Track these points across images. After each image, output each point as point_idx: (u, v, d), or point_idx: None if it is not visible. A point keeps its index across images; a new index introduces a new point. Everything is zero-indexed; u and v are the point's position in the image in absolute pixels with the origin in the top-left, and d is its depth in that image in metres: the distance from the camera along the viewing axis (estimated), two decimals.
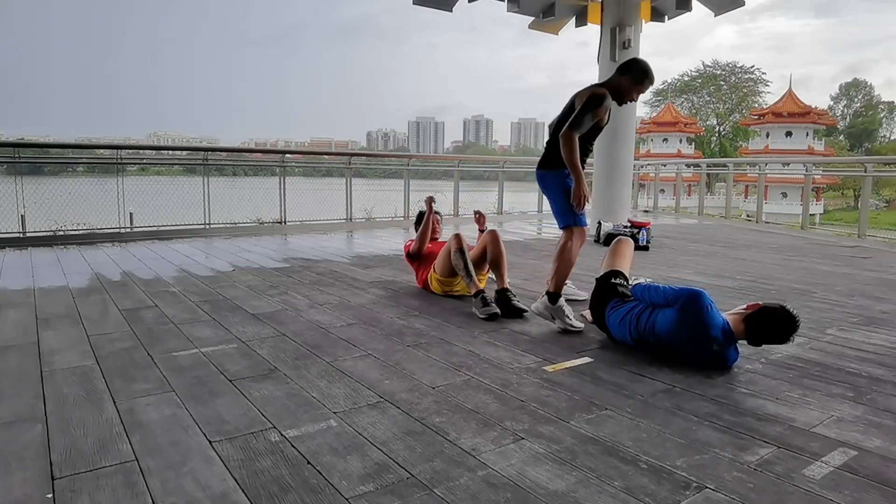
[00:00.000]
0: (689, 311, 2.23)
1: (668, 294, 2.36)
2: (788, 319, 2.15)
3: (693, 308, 2.23)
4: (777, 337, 2.19)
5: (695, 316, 2.21)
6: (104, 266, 4.43)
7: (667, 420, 1.81)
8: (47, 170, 8.05)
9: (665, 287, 2.42)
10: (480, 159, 22.60)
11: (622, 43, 6.48)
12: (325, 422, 1.76)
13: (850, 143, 49.81)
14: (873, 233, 8.01)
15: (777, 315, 2.17)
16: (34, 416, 1.78)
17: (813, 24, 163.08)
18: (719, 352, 2.24)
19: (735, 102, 46.47)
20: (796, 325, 2.14)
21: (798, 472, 1.50)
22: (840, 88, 56.99)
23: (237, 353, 2.40)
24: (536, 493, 1.39)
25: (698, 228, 8.40)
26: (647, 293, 2.45)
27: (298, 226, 7.38)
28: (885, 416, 1.87)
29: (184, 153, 10.24)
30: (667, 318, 2.30)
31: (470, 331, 2.79)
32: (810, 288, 3.96)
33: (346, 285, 3.83)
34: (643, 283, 2.56)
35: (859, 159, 19.47)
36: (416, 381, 2.12)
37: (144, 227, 6.44)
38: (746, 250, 5.99)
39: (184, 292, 3.53)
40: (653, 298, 2.42)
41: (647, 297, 2.45)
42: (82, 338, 2.60)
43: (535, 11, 7.37)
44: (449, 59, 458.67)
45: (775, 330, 2.17)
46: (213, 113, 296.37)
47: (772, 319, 2.17)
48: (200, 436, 1.66)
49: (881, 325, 3.00)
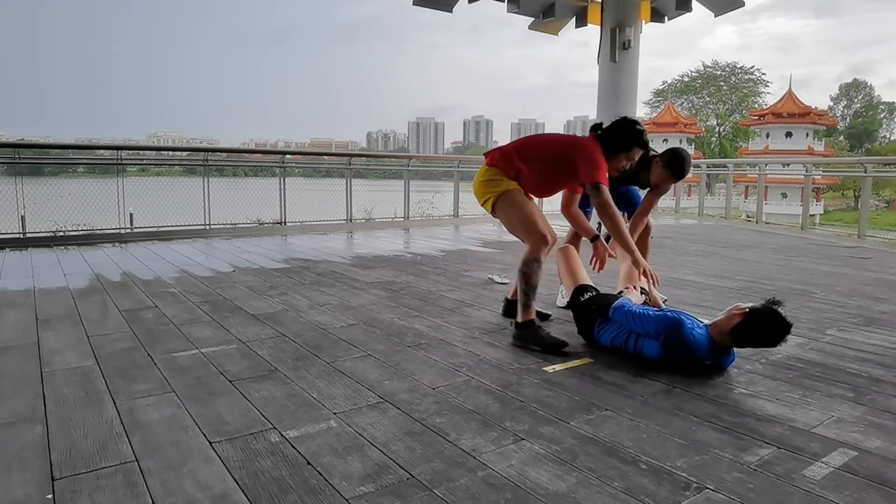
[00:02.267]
0: (673, 345, 2.17)
1: (647, 325, 2.25)
2: (776, 323, 2.08)
3: (675, 340, 2.16)
4: (767, 342, 2.14)
5: (679, 347, 2.16)
6: (104, 266, 4.43)
7: (667, 420, 1.81)
8: (47, 170, 8.07)
9: (644, 313, 2.29)
10: (480, 160, 22.51)
11: (622, 43, 6.48)
12: (326, 422, 1.76)
13: (850, 143, 49.81)
14: (873, 233, 8.02)
15: (764, 320, 2.09)
16: (34, 417, 1.78)
17: (813, 24, 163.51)
18: (713, 364, 2.22)
19: (735, 103, 46.50)
20: (786, 326, 2.09)
21: (798, 473, 1.50)
22: (840, 89, 57.02)
23: (237, 354, 2.40)
24: (536, 493, 1.39)
25: (698, 229, 8.40)
26: (626, 320, 2.32)
27: (298, 226, 7.38)
28: (885, 416, 1.87)
29: (184, 154, 10.25)
30: (652, 347, 2.23)
31: (470, 331, 2.79)
32: (810, 288, 3.96)
33: (347, 286, 3.83)
34: (624, 302, 2.40)
35: (859, 160, 19.47)
36: (416, 381, 2.12)
37: (145, 227, 6.44)
38: (746, 251, 5.99)
39: (184, 293, 3.53)
40: (632, 327, 2.30)
41: (627, 325, 2.33)
42: (82, 338, 2.60)
43: (535, 12, 7.37)
44: (449, 60, 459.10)
45: (764, 336, 2.11)
46: (213, 113, 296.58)
47: (759, 325, 2.10)
48: (200, 436, 1.66)
49: (881, 326, 3.00)
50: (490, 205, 2.63)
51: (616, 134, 2.59)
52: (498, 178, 2.59)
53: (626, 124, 2.61)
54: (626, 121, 2.64)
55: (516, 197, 2.58)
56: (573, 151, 2.55)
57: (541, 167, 2.60)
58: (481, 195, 2.66)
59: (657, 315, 2.25)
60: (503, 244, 6.16)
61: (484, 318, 3.04)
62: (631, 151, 2.61)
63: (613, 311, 2.38)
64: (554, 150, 2.60)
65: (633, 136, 2.59)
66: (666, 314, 2.25)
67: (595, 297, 2.61)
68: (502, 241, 6.53)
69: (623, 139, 2.59)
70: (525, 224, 2.55)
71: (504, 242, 6.34)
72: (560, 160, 2.58)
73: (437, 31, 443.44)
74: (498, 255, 5.34)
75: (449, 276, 4.22)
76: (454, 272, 4.41)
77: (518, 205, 2.58)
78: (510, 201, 2.58)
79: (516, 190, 2.59)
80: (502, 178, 2.58)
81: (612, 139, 2.59)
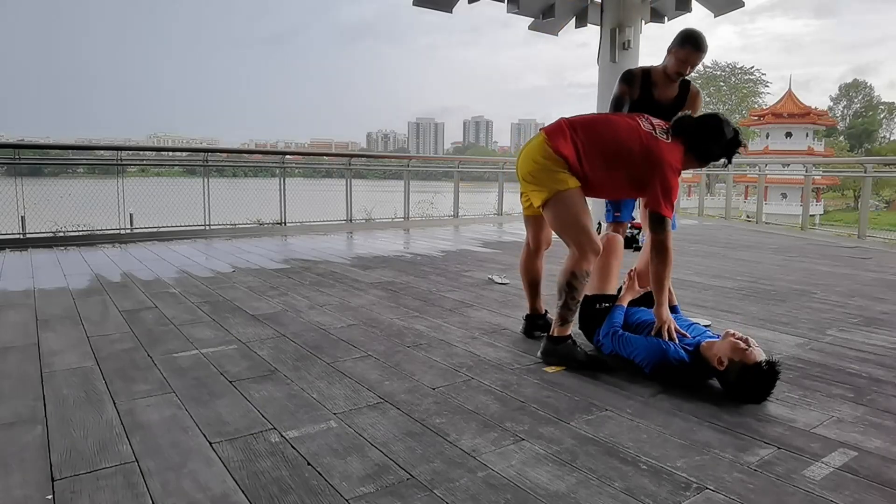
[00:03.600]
0: (662, 375, 2.12)
1: (630, 353, 2.21)
2: (770, 378, 1.93)
3: (661, 369, 2.11)
4: (753, 397, 1.96)
5: (666, 373, 2.11)
6: (104, 267, 4.43)
7: (667, 421, 1.81)
8: (47, 171, 8.05)
9: (626, 338, 2.24)
10: (480, 160, 22.60)
11: (622, 44, 6.48)
12: (326, 423, 1.76)
13: (849, 143, 49.80)
14: (873, 233, 8.02)
15: (758, 375, 1.92)
16: (34, 418, 1.78)
17: (813, 24, 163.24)
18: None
19: (735, 103, 46.49)
20: (774, 379, 1.94)
21: (798, 473, 1.50)
22: (840, 89, 57.01)
23: (237, 355, 2.40)
24: (537, 493, 1.39)
25: (698, 229, 8.40)
26: (613, 343, 2.29)
27: (298, 227, 7.38)
28: (885, 416, 1.87)
29: (184, 154, 10.26)
30: (646, 368, 2.18)
31: (470, 331, 2.79)
32: (810, 288, 3.96)
33: (347, 286, 3.82)
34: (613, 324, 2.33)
35: (859, 160, 19.48)
36: (416, 382, 2.12)
37: (144, 228, 6.43)
38: (746, 251, 5.99)
39: (184, 293, 3.53)
40: (618, 351, 2.27)
41: (612, 347, 2.29)
42: (82, 339, 2.60)
43: (534, 12, 7.36)
44: (449, 60, 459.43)
45: (753, 389, 1.97)
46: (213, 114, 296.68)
47: (752, 380, 1.93)
48: (200, 437, 1.66)
49: (881, 326, 3.00)
50: (542, 198, 2.30)
51: (707, 144, 2.29)
52: (560, 171, 2.24)
53: (723, 135, 2.26)
54: (723, 129, 2.27)
55: (577, 199, 2.27)
56: (653, 171, 2.23)
57: (605, 176, 2.28)
58: (535, 183, 2.31)
59: (644, 343, 2.19)
60: (503, 244, 6.17)
61: (484, 319, 3.04)
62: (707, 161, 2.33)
63: (603, 338, 2.33)
64: (631, 160, 2.24)
65: (724, 153, 2.29)
66: (650, 340, 2.18)
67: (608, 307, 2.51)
68: (502, 241, 6.54)
69: (714, 152, 2.30)
70: (581, 230, 2.26)
71: (504, 243, 6.35)
72: (633, 177, 2.27)
73: (437, 31, 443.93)
74: (498, 256, 5.34)
75: (449, 277, 4.22)
76: (454, 272, 4.41)
77: (577, 208, 2.27)
78: (569, 202, 2.26)
79: (577, 190, 2.27)
80: (564, 171, 2.24)
81: (702, 147, 2.30)
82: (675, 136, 2.29)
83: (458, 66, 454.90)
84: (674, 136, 2.29)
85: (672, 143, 2.27)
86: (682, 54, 2.68)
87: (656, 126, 2.31)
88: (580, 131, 2.28)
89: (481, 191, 11.65)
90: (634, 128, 2.27)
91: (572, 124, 2.31)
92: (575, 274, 2.26)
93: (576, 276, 2.26)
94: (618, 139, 2.26)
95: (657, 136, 2.27)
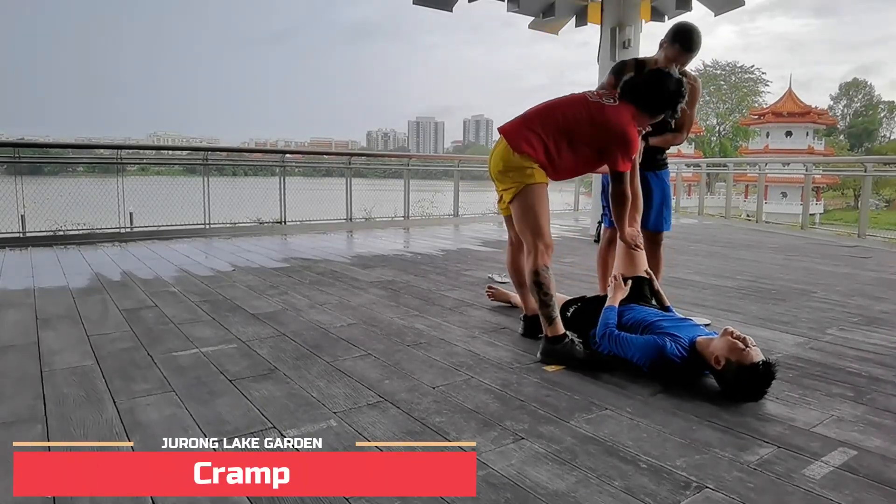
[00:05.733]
0: (660, 372, 2.11)
1: (630, 351, 2.20)
2: (766, 377, 1.93)
3: (661, 366, 2.10)
4: (750, 395, 1.96)
5: (664, 369, 2.11)
6: (104, 266, 4.43)
7: (667, 420, 1.81)
8: (47, 170, 8.05)
9: (622, 338, 2.24)
10: (480, 159, 22.52)
11: (622, 43, 6.48)
12: (325, 422, 1.76)
13: (850, 142, 49.79)
14: (873, 232, 8.00)
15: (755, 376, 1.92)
16: (34, 417, 1.78)
17: (813, 23, 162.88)
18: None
19: (735, 102, 46.47)
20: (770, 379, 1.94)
21: (798, 472, 1.50)
22: (840, 88, 56.92)
23: (237, 353, 2.40)
24: (536, 492, 1.39)
25: (698, 228, 8.40)
26: (609, 344, 2.28)
27: (298, 226, 7.38)
28: (885, 415, 1.87)
29: (184, 153, 10.25)
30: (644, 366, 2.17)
31: (470, 330, 2.79)
32: (810, 288, 3.96)
33: (346, 285, 3.82)
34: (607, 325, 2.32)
35: (859, 159, 19.48)
36: (416, 380, 2.12)
37: (144, 227, 6.43)
38: (746, 250, 5.99)
39: (184, 292, 3.53)
40: (615, 352, 2.26)
41: (610, 348, 2.28)
42: (82, 338, 2.60)
43: (535, 11, 7.36)
44: (449, 59, 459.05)
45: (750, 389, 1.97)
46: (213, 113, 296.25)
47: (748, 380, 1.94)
48: (200, 436, 1.66)
49: (881, 325, 3.00)
50: (511, 193, 2.39)
51: (652, 98, 2.35)
52: (529, 166, 2.33)
53: (665, 86, 2.34)
54: (665, 81, 2.35)
55: (540, 195, 2.37)
56: (610, 137, 2.31)
57: (572, 156, 2.36)
58: (507, 180, 2.40)
59: (640, 342, 2.19)
60: (503, 243, 6.14)
61: (484, 318, 3.04)
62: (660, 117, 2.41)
63: (600, 339, 2.33)
64: (590, 133, 2.33)
65: (669, 104, 2.36)
66: (646, 338, 2.18)
67: (581, 308, 2.55)
68: (502, 240, 6.53)
69: (659, 104, 2.36)
70: (540, 227, 2.37)
71: (504, 242, 6.33)
72: (596, 149, 2.36)
73: (437, 30, 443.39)
74: (498, 255, 5.33)
75: (449, 276, 4.22)
76: (454, 271, 4.41)
77: (539, 204, 2.37)
78: (534, 197, 2.35)
79: (542, 186, 2.37)
80: (532, 165, 2.33)
81: (647, 102, 2.35)
82: (622, 98, 2.38)
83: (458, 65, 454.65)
84: (621, 98, 2.38)
85: (620, 104, 2.36)
86: (671, 52, 2.67)
87: (603, 95, 2.41)
88: (536, 121, 2.37)
89: (481, 190, 11.65)
90: (582, 101, 2.38)
91: (527, 119, 2.40)
92: (537, 272, 2.36)
93: (538, 272, 2.36)
94: (573, 117, 2.35)
95: (604, 103, 2.36)
